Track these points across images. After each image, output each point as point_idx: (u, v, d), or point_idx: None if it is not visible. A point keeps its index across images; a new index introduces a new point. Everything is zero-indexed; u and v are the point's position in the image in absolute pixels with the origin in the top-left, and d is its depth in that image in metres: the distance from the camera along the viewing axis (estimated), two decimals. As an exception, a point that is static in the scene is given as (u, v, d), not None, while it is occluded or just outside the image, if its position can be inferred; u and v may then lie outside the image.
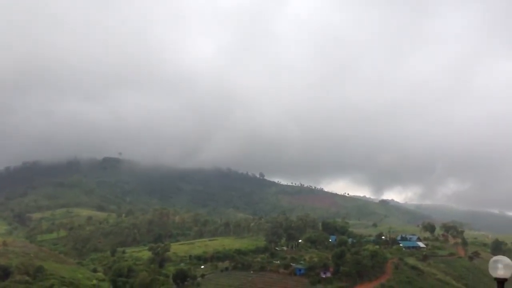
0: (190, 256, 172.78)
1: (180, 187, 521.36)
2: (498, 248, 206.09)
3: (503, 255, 6.00)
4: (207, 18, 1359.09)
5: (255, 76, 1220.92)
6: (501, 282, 5.22)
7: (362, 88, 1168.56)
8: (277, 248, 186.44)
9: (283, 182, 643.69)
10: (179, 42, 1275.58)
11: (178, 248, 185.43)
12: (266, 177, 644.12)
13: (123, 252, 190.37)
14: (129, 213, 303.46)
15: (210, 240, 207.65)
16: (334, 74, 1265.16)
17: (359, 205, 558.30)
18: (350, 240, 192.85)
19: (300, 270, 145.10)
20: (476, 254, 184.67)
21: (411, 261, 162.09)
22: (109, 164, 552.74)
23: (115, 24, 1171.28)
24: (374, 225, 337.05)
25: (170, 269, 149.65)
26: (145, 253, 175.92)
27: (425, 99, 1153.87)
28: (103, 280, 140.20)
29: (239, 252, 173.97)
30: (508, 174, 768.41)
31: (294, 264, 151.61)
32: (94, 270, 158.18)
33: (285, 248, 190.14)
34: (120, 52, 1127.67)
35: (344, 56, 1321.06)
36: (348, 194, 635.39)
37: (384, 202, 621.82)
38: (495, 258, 5.50)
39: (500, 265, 5.30)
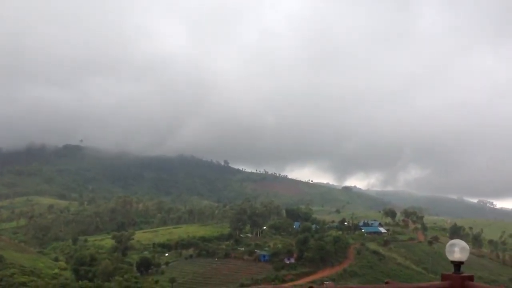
0: (154, 244, 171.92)
1: (143, 174, 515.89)
2: (456, 232, 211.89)
3: (461, 239, 6.10)
4: (182, 4, 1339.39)
5: (230, 63, 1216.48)
6: (457, 265, 5.31)
7: (338, 78, 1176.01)
8: (241, 235, 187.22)
9: (248, 169, 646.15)
10: (152, 28, 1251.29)
11: (142, 236, 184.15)
12: (230, 165, 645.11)
13: (85, 240, 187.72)
14: (91, 201, 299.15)
15: (174, 228, 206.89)
16: (311, 64, 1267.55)
17: (322, 192, 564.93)
18: (313, 226, 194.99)
19: (264, 256, 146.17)
20: (435, 238, 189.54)
21: (373, 246, 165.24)
22: (70, 152, 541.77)
23: (85, 9, 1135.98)
24: (337, 211, 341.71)
25: (134, 257, 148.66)
26: (108, 242, 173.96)
27: (394, 88, 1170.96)
28: (65, 269, 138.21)
29: (203, 239, 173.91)
30: (467, 161, 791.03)
31: (258, 251, 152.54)
32: (56, 259, 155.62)
33: (249, 235, 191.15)
34: (90, 37, 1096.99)
35: (324, 47, 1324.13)
36: (311, 181, 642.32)
37: (347, 189, 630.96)
38: (451, 241, 5.58)
39: (456, 249, 5.40)
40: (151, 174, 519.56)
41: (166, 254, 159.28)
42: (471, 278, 5.04)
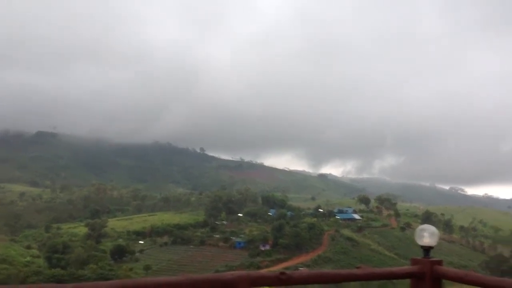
0: (128, 231, 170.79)
1: (118, 162, 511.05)
2: (428, 218, 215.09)
3: (433, 225, 6.05)
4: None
5: (219, 52, 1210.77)
6: (427, 249, 5.25)
7: (328, 70, 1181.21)
8: (217, 222, 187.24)
9: (224, 156, 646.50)
10: (139, 15, 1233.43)
11: (116, 224, 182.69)
12: (206, 152, 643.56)
13: (58, 228, 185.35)
14: (65, 189, 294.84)
15: (149, 215, 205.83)
16: (303, 55, 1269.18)
17: (298, 179, 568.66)
18: (289, 213, 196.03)
19: (239, 243, 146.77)
20: (407, 225, 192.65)
21: (347, 232, 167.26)
22: (43, 139, 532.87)
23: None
24: (313, 198, 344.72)
25: (108, 244, 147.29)
26: (81, 229, 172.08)
27: (378, 81, 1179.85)
28: (38, 256, 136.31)
29: (178, 226, 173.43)
30: (440, 149, 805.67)
31: (234, 238, 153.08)
32: (28, 247, 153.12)
33: (225, 222, 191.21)
34: (74, 21, 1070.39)
35: (318, 40, 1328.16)
36: (288, 168, 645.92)
37: (322, 176, 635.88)
38: (421, 227, 5.51)
39: (426, 234, 5.34)
40: (127, 162, 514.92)
41: (141, 242, 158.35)
42: (440, 262, 4.98)
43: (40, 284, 3.89)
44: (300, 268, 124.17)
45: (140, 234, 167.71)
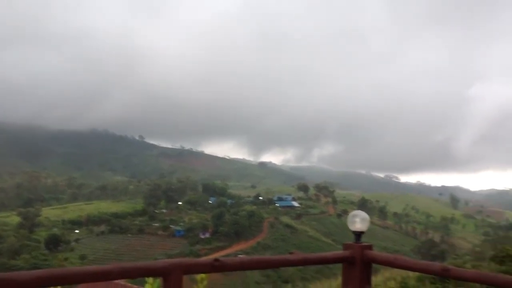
0: (64, 220, 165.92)
1: (52, 149, 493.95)
2: (364, 205, 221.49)
3: (368, 211, 6.25)
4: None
5: (161, 38, 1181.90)
6: (358, 234, 5.38)
7: (278, 61, 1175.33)
8: (156, 211, 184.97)
9: (164, 144, 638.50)
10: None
11: (50, 213, 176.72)
12: (146, 140, 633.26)
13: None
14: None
15: (85, 204, 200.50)
16: (254, 46, 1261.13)
17: (239, 167, 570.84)
18: (229, 201, 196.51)
19: (179, 231, 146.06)
20: (344, 211, 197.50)
21: (286, 219, 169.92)
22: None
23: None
24: (253, 186, 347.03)
25: (42, 234, 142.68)
26: (13, 218, 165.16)
27: (322, 71, 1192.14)
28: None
29: (116, 215, 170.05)
30: (375, 138, 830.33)
31: (173, 226, 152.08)
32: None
33: (164, 210, 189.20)
34: (10, 2, 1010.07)
35: (269, 31, 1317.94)
36: (228, 156, 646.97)
37: (262, 164, 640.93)
38: (353, 212, 5.64)
39: (357, 219, 5.45)
40: (62, 149, 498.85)
41: (77, 231, 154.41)
42: (370, 247, 5.12)
43: None
44: (240, 256, 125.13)
45: (76, 223, 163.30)
